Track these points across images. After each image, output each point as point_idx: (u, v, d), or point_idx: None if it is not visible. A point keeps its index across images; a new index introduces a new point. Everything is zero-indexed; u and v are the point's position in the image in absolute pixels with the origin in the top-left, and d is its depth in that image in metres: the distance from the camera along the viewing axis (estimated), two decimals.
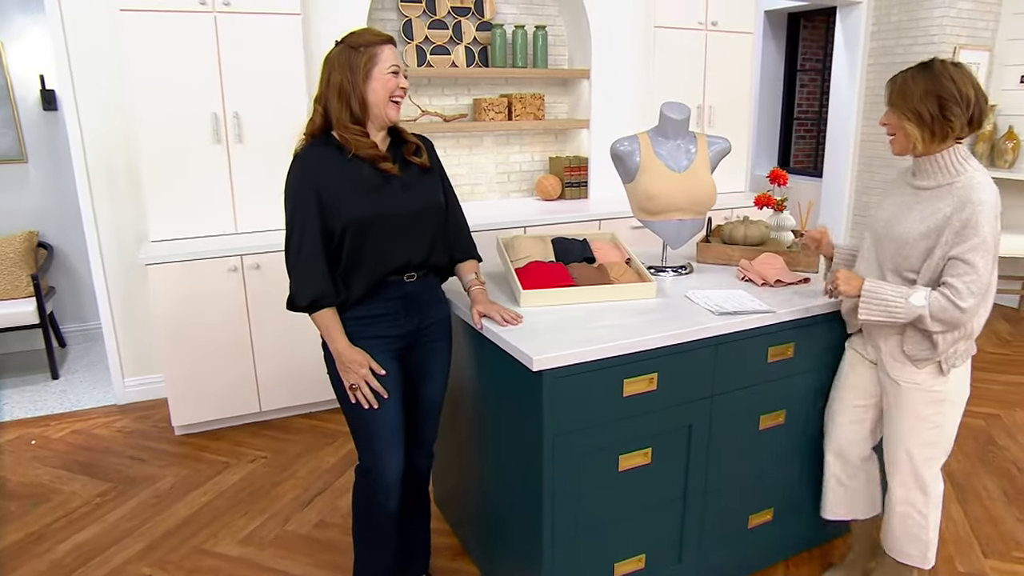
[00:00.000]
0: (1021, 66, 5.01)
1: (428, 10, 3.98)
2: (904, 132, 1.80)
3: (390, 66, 1.76)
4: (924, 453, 1.95)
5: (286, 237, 1.77)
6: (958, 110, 1.73)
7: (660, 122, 2.34)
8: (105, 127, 3.41)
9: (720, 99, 4.51)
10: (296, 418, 3.50)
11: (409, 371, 1.95)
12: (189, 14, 3.12)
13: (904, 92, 1.78)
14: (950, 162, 1.79)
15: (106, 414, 3.59)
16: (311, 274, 1.73)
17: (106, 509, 2.75)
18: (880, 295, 1.80)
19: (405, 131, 1.93)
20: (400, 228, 1.80)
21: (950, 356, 1.86)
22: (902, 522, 2.03)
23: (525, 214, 3.89)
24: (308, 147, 1.79)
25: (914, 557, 2.06)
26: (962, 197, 1.75)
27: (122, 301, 3.60)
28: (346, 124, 1.75)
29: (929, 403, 1.90)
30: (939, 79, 1.74)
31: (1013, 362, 4.17)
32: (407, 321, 1.88)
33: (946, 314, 1.74)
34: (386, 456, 1.86)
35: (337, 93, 1.74)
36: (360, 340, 1.81)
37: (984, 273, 1.73)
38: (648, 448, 1.90)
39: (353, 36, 1.77)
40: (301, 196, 1.74)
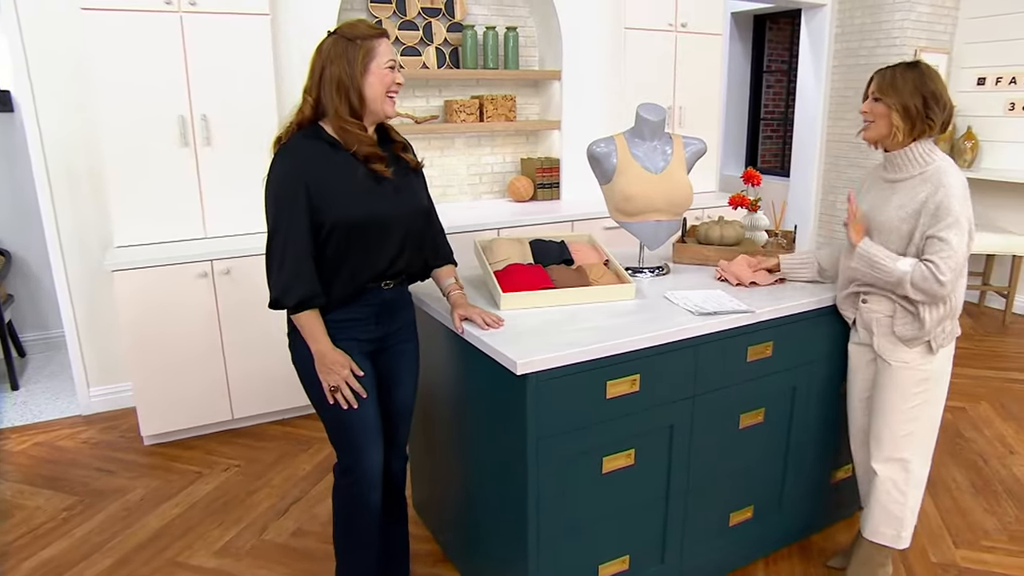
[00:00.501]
0: (978, 68, 5.15)
1: (398, 11, 3.95)
2: (888, 122, 1.92)
3: (387, 60, 1.72)
4: (905, 429, 2.06)
5: (270, 231, 1.71)
6: (938, 111, 1.89)
7: (636, 124, 2.35)
8: (66, 129, 3.31)
9: (690, 100, 4.55)
10: (269, 425, 3.44)
11: (380, 374, 1.92)
12: (154, 14, 3.05)
13: (895, 85, 1.90)
14: (919, 154, 1.94)
15: (70, 425, 3.48)
16: (300, 272, 1.68)
17: (73, 524, 2.66)
18: (872, 252, 1.95)
19: (392, 128, 1.90)
20: (388, 233, 1.77)
21: (938, 335, 1.96)
22: (881, 500, 2.11)
23: (498, 216, 3.88)
24: (296, 138, 1.72)
25: (888, 536, 2.14)
26: (935, 182, 1.89)
27: (86, 308, 3.50)
28: (345, 118, 1.70)
29: (916, 382, 2.02)
30: (926, 79, 1.89)
31: (976, 356, 4.28)
32: (379, 327, 1.87)
33: (926, 284, 1.87)
34: (368, 451, 1.85)
35: (336, 86, 1.69)
36: (335, 343, 1.78)
37: (959, 249, 1.85)
38: (631, 449, 1.90)
39: (348, 28, 1.72)
40: (289, 189, 1.67)
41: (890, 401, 2.05)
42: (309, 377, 1.82)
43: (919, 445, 2.09)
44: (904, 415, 2.05)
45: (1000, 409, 3.57)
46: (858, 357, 2.20)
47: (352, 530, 1.94)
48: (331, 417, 1.84)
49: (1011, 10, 4.89)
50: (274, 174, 1.70)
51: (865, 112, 1.99)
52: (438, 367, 2.15)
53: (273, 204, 1.69)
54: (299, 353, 1.82)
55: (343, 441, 1.86)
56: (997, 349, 4.40)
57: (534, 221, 3.85)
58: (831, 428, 2.37)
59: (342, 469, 1.90)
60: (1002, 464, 3.06)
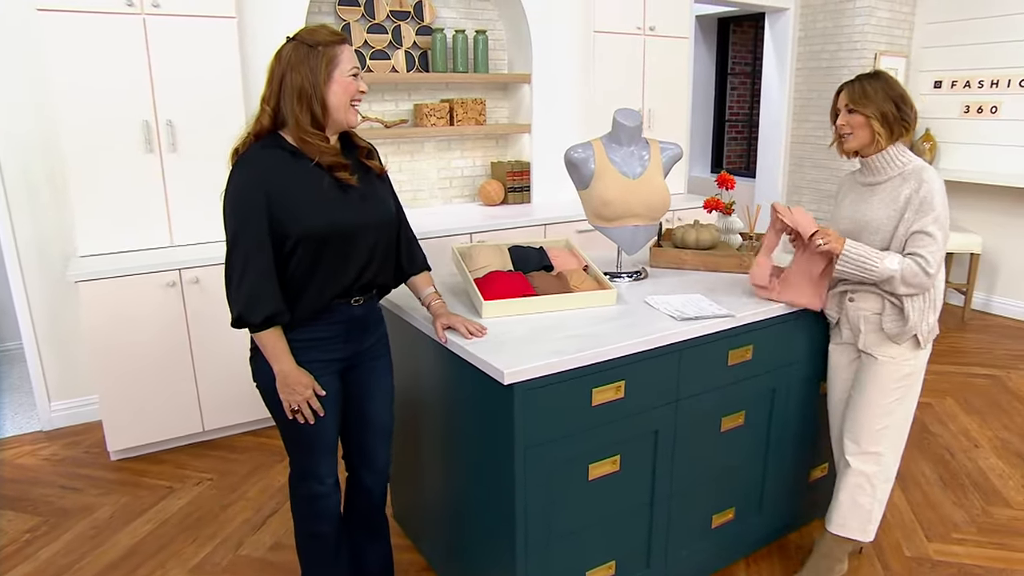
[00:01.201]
0: (934, 72, 5.30)
1: (367, 14, 3.90)
2: (869, 131, 2.01)
3: (351, 68, 1.65)
4: (881, 423, 2.12)
5: (229, 248, 1.64)
6: (909, 112, 2.01)
7: (613, 129, 2.35)
8: (21, 134, 3.19)
9: (659, 103, 4.59)
10: (241, 436, 3.36)
11: (351, 391, 1.88)
12: (115, 16, 2.96)
13: (867, 94, 2.00)
14: (895, 156, 2.04)
15: (31, 441, 3.36)
16: (262, 289, 1.61)
17: (38, 545, 2.57)
18: (859, 252, 1.99)
19: (355, 134, 1.83)
20: (356, 244, 1.72)
21: (923, 329, 2.03)
22: (850, 493, 2.18)
23: (470, 220, 3.86)
24: (254, 149, 1.65)
25: (854, 529, 2.19)
26: (916, 178, 1.99)
27: (46, 320, 3.38)
28: (307, 128, 1.63)
29: (898, 377, 2.09)
30: (892, 85, 2.02)
31: (940, 352, 4.40)
32: (347, 346, 1.81)
33: (916, 279, 1.95)
34: (323, 459, 1.83)
35: (297, 95, 1.61)
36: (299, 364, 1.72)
37: (942, 243, 1.96)
38: (617, 456, 1.90)
39: (308, 33, 1.64)
40: (248, 201, 1.59)
41: (870, 395, 2.11)
42: (270, 394, 1.76)
43: (892, 440, 2.17)
44: (882, 409, 2.11)
45: (964, 404, 3.67)
46: (840, 357, 2.24)
47: (312, 538, 1.92)
48: (291, 431, 1.81)
49: (965, 16, 5.05)
50: (232, 186, 1.62)
51: (842, 125, 2.06)
52: (421, 377, 2.12)
53: (232, 217, 1.62)
54: (260, 370, 1.75)
55: (299, 451, 1.84)
56: (957, 345, 4.53)
57: (507, 225, 3.84)
58: (809, 428, 2.40)
59: (297, 475, 1.87)
60: (968, 458, 3.14)
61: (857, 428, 2.15)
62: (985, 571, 2.40)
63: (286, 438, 1.82)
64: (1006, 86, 4.90)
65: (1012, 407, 3.64)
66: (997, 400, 3.72)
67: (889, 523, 2.66)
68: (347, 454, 1.97)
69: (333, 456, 1.85)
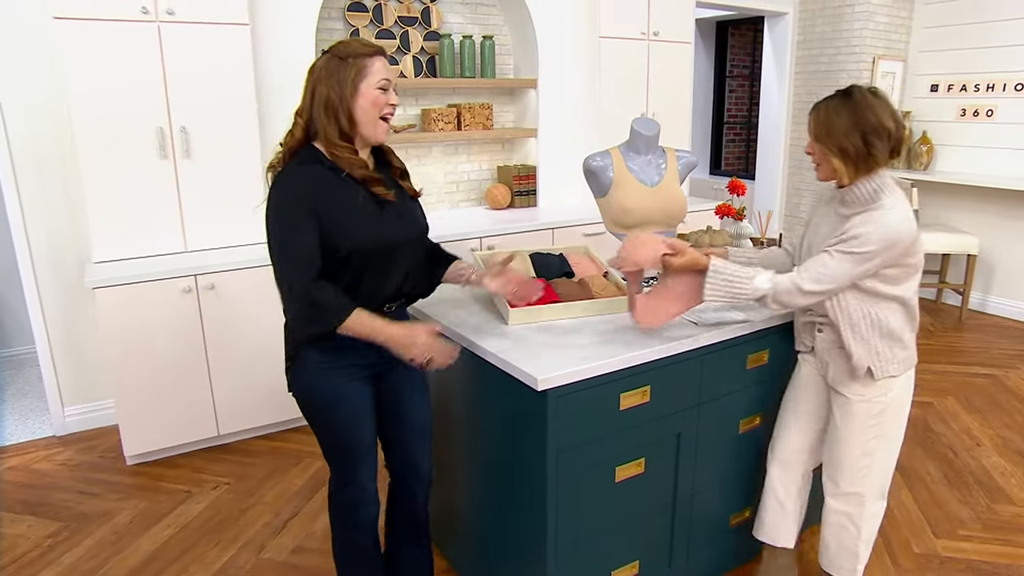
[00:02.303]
0: (931, 76, 5.39)
1: (375, 20, 3.93)
2: (830, 165, 1.84)
3: (379, 80, 1.66)
4: (861, 463, 2.01)
5: (276, 261, 1.65)
6: (880, 144, 1.78)
7: (631, 138, 2.40)
8: (36, 140, 3.21)
9: (662, 107, 4.64)
10: (256, 440, 3.39)
11: (387, 395, 1.91)
12: (130, 23, 2.98)
13: (829, 127, 1.80)
14: (868, 191, 1.82)
15: (45, 447, 3.38)
16: (324, 294, 1.62)
17: (60, 551, 2.59)
18: (725, 273, 1.82)
19: (391, 151, 1.87)
20: (396, 259, 1.76)
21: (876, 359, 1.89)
22: (836, 534, 2.10)
23: (478, 224, 3.90)
24: (297, 164, 1.67)
25: (845, 570, 2.12)
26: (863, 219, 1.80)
27: (60, 325, 3.39)
28: (335, 141, 1.65)
29: (872, 415, 1.96)
30: (861, 111, 1.77)
31: (940, 352, 4.48)
32: (382, 353, 1.80)
33: (786, 296, 1.80)
34: (363, 466, 1.85)
35: (324, 107, 1.63)
36: (331, 369, 1.76)
37: (838, 274, 1.77)
38: (642, 458, 1.95)
39: (341, 46, 1.67)
40: (299, 215, 1.60)
41: (844, 435, 2.00)
42: (307, 404, 1.80)
43: (874, 480, 2.03)
44: (860, 448, 1.99)
45: (965, 403, 3.75)
46: (810, 375, 2.10)
47: (351, 547, 1.94)
48: (329, 438, 1.84)
49: (962, 21, 5.13)
50: (277, 202, 1.63)
51: (810, 152, 1.90)
52: (449, 383, 2.16)
53: (280, 231, 1.63)
54: (297, 380, 1.78)
55: (339, 459, 1.86)
56: (956, 345, 4.61)
57: (515, 229, 3.88)
58: None
59: (338, 485, 1.89)
60: (971, 456, 3.22)
61: (835, 468, 2.04)
62: (992, 567, 2.47)
63: (325, 446, 1.85)
64: (1002, 90, 4.98)
65: (1012, 406, 3.71)
66: (996, 399, 3.79)
67: (898, 521, 2.72)
68: (390, 459, 2.00)
69: (373, 461, 1.87)
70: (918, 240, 1.84)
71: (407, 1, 4.02)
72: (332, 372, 1.76)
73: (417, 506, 2.03)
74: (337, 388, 1.77)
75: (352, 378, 1.78)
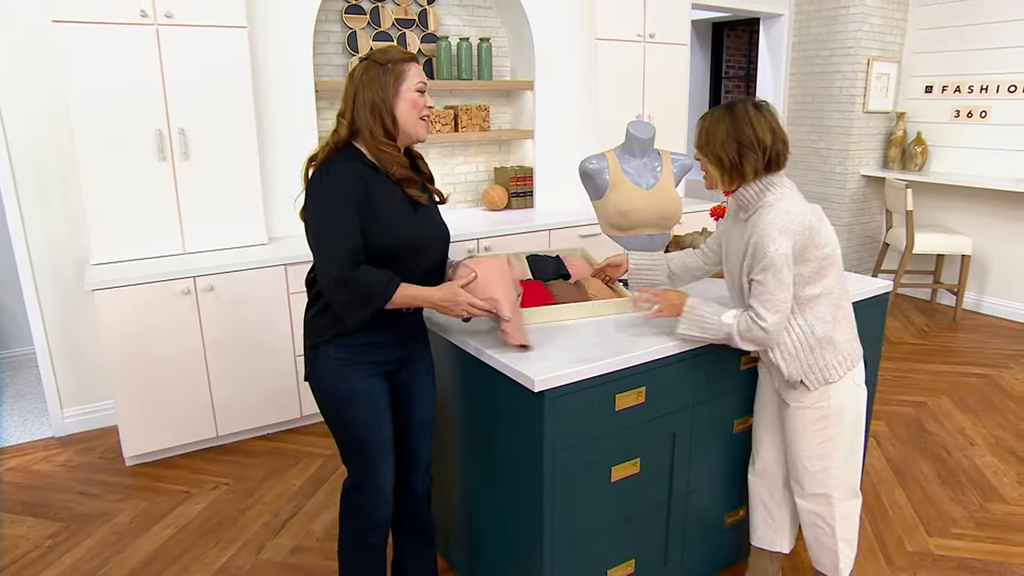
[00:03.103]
0: (925, 77, 5.42)
1: (372, 22, 3.95)
2: (709, 173, 1.92)
3: (417, 83, 1.76)
4: (817, 465, 2.02)
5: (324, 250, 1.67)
6: (753, 156, 1.82)
7: (627, 141, 2.42)
8: (35, 142, 3.22)
9: (658, 108, 4.67)
10: (255, 440, 3.41)
11: (397, 392, 1.95)
12: (129, 26, 2.99)
13: (708, 136, 1.87)
14: (753, 195, 1.88)
15: (44, 447, 3.39)
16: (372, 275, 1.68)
17: (60, 551, 2.61)
18: (697, 312, 1.91)
19: (422, 159, 1.93)
20: (420, 260, 1.81)
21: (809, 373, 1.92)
22: (813, 533, 2.14)
23: (476, 226, 3.92)
24: (339, 160, 1.73)
25: (828, 568, 2.15)
26: (753, 222, 1.86)
27: (59, 327, 3.41)
28: (380, 139, 1.74)
29: (814, 420, 1.98)
30: (739, 124, 1.83)
31: (933, 352, 4.51)
32: (397, 349, 1.89)
33: (752, 333, 1.84)
34: (380, 467, 1.88)
35: (370, 109, 1.72)
36: (352, 366, 1.80)
37: (775, 290, 1.80)
38: (637, 458, 1.97)
39: (380, 53, 1.76)
40: (344, 206, 1.67)
41: (796, 441, 2.03)
42: (325, 396, 1.83)
43: (838, 480, 2.04)
44: (810, 452, 2.01)
45: (958, 402, 3.78)
46: (766, 382, 2.14)
47: (364, 547, 1.96)
48: (345, 436, 1.87)
49: (956, 23, 5.16)
50: (322, 193, 1.69)
51: (698, 159, 1.96)
52: (447, 383, 2.18)
53: (324, 221, 1.67)
54: (316, 371, 1.83)
55: (355, 458, 1.89)
56: (950, 345, 4.64)
57: (512, 231, 3.91)
58: None
59: (354, 485, 1.92)
60: (964, 455, 3.25)
61: (795, 472, 2.08)
62: (983, 564, 2.50)
63: (342, 445, 1.88)
64: (995, 91, 5.02)
65: (1004, 405, 3.75)
66: (990, 398, 3.83)
67: (891, 519, 2.75)
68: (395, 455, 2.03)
69: (391, 462, 1.90)
70: (819, 231, 1.85)
71: (404, 3, 4.04)
72: (350, 369, 1.80)
73: (420, 500, 2.06)
74: (354, 385, 1.81)
75: (369, 375, 1.82)
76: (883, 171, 5.51)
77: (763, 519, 2.24)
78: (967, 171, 5.26)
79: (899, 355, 4.44)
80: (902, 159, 5.52)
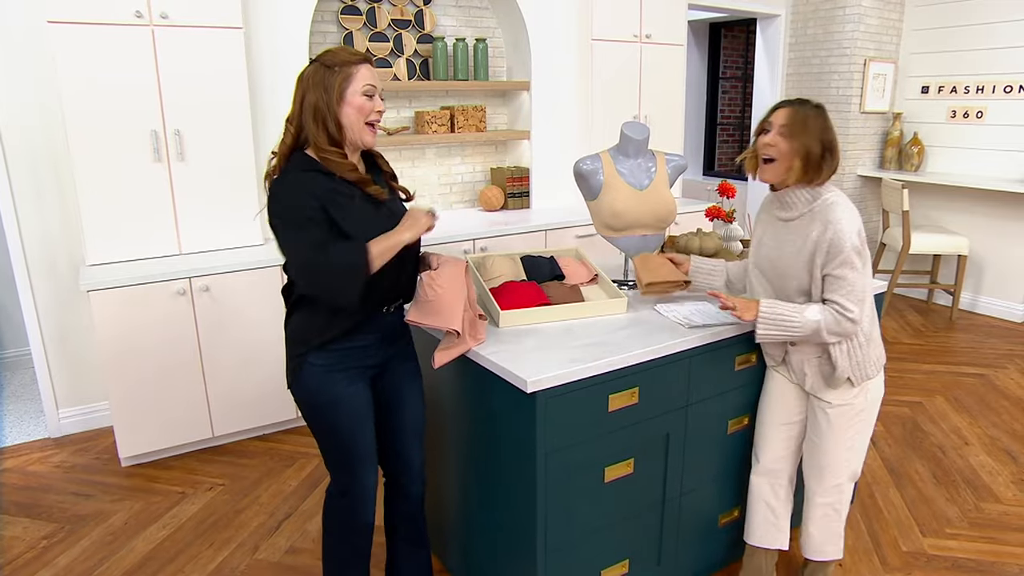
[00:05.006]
0: (922, 78, 5.43)
1: (368, 23, 3.95)
2: (788, 164, 1.88)
3: (364, 86, 1.70)
4: (843, 457, 2.10)
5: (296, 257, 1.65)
6: (830, 162, 1.88)
7: (621, 141, 2.42)
8: (30, 143, 3.22)
9: (655, 109, 4.67)
10: (251, 441, 3.41)
11: (383, 397, 1.94)
12: (124, 27, 2.99)
13: (806, 125, 1.85)
14: (810, 194, 1.91)
15: (40, 448, 3.39)
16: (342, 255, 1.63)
17: (55, 552, 2.60)
18: (776, 312, 1.91)
19: (381, 156, 1.91)
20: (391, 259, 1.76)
21: (855, 369, 1.98)
22: (823, 524, 2.18)
23: (473, 227, 3.92)
24: (293, 168, 1.70)
25: (832, 552, 2.23)
26: (823, 219, 1.88)
27: (54, 327, 3.41)
28: (324, 146, 1.69)
29: (851, 416, 2.05)
30: (829, 128, 1.86)
31: (929, 351, 4.52)
32: (381, 352, 1.88)
33: (840, 326, 1.89)
34: (364, 473, 1.87)
35: (312, 114, 1.68)
36: (336, 372, 1.79)
37: (856, 281, 1.87)
38: (631, 459, 1.97)
39: (328, 55, 1.72)
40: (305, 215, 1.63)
41: (827, 437, 2.07)
42: (308, 406, 1.82)
43: (852, 468, 2.15)
44: (843, 446, 2.08)
45: (953, 402, 3.78)
46: (781, 384, 2.15)
47: (344, 549, 1.96)
48: (329, 442, 1.86)
49: (952, 23, 5.17)
50: (281, 206, 1.66)
51: (769, 146, 1.89)
52: (440, 385, 2.18)
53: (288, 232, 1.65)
54: (299, 382, 1.81)
55: (339, 464, 1.88)
56: (946, 345, 4.65)
57: (508, 231, 3.91)
58: None
59: (339, 491, 1.91)
60: (959, 455, 3.25)
61: (820, 468, 2.12)
62: (977, 564, 2.50)
63: (325, 452, 1.88)
64: (991, 91, 5.03)
65: (1000, 405, 3.75)
66: (985, 398, 3.83)
67: (886, 519, 2.76)
68: (383, 457, 2.02)
69: (374, 466, 1.90)
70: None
71: (400, 4, 4.04)
72: (334, 376, 1.79)
73: (413, 505, 2.05)
74: (339, 392, 1.80)
75: (353, 381, 1.81)
76: (880, 171, 5.51)
77: (765, 518, 2.24)
78: (963, 171, 5.27)
79: (895, 355, 4.45)
80: (899, 159, 5.53)
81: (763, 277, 2.08)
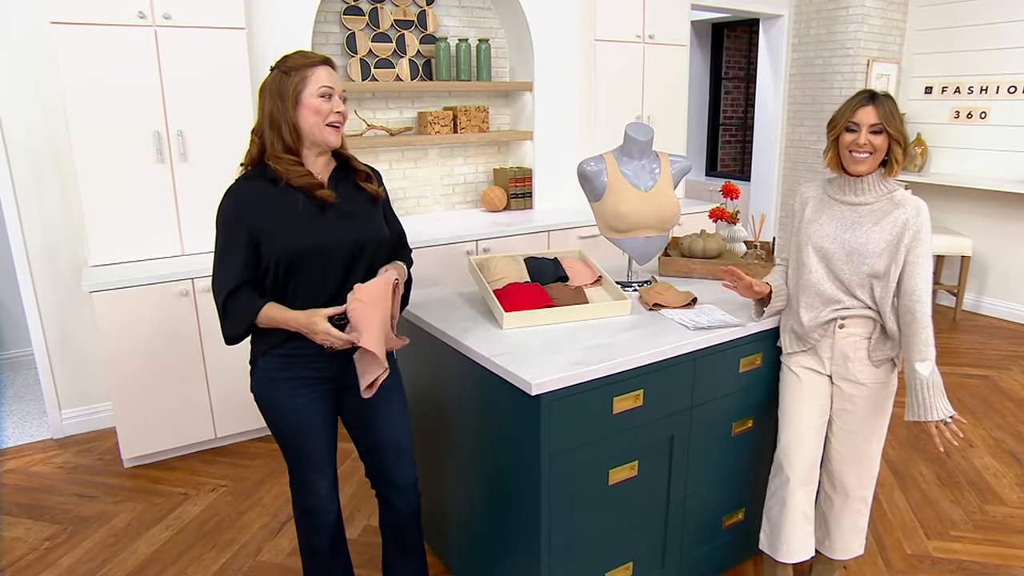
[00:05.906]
0: (925, 78, 5.41)
1: (371, 23, 3.95)
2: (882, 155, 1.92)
3: (319, 88, 1.67)
4: (875, 448, 2.12)
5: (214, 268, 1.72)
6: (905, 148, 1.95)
7: (625, 142, 2.42)
8: (33, 143, 3.22)
9: (658, 109, 4.67)
10: (253, 442, 3.40)
11: (355, 415, 1.90)
12: (127, 28, 2.99)
13: (895, 115, 1.90)
14: (880, 178, 1.97)
15: (43, 449, 3.39)
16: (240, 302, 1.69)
17: (58, 553, 2.60)
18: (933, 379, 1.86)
19: (354, 158, 1.87)
20: (331, 260, 1.74)
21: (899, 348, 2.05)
22: (856, 521, 2.16)
23: (475, 227, 3.91)
24: (241, 181, 1.72)
25: (858, 548, 2.20)
26: (912, 205, 1.94)
27: (57, 328, 3.40)
28: (278, 154, 1.69)
29: (887, 397, 2.08)
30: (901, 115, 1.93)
31: None
32: (334, 365, 1.81)
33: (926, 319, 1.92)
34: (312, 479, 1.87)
35: (269, 121, 1.68)
36: (280, 379, 1.77)
37: (930, 267, 1.95)
38: (635, 461, 1.97)
39: (284, 60, 1.70)
40: (229, 230, 1.68)
41: (872, 421, 2.06)
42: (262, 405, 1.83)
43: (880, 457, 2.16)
44: (880, 433, 2.09)
45: (957, 404, 3.77)
46: (808, 379, 2.10)
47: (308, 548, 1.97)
48: (279, 443, 1.88)
49: (955, 24, 5.16)
50: (218, 219, 1.71)
51: (865, 145, 1.89)
52: (444, 386, 2.18)
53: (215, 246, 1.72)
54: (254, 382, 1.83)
55: (290, 466, 1.90)
56: (950, 345, 4.64)
57: (511, 232, 3.90)
58: None
59: (293, 486, 1.93)
60: (963, 457, 3.24)
61: (860, 462, 2.09)
62: (982, 567, 2.49)
63: (281, 450, 1.89)
64: (995, 92, 5.01)
65: (1004, 407, 3.74)
66: (989, 400, 3.82)
67: (890, 522, 2.75)
68: (368, 473, 2.01)
69: (327, 470, 1.89)
70: None
71: (403, 4, 4.03)
72: (280, 382, 1.78)
73: (401, 518, 2.00)
74: (283, 397, 1.79)
75: (300, 387, 1.79)
76: None
77: (803, 529, 2.10)
78: (967, 172, 5.25)
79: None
80: None
81: (819, 258, 2.02)
